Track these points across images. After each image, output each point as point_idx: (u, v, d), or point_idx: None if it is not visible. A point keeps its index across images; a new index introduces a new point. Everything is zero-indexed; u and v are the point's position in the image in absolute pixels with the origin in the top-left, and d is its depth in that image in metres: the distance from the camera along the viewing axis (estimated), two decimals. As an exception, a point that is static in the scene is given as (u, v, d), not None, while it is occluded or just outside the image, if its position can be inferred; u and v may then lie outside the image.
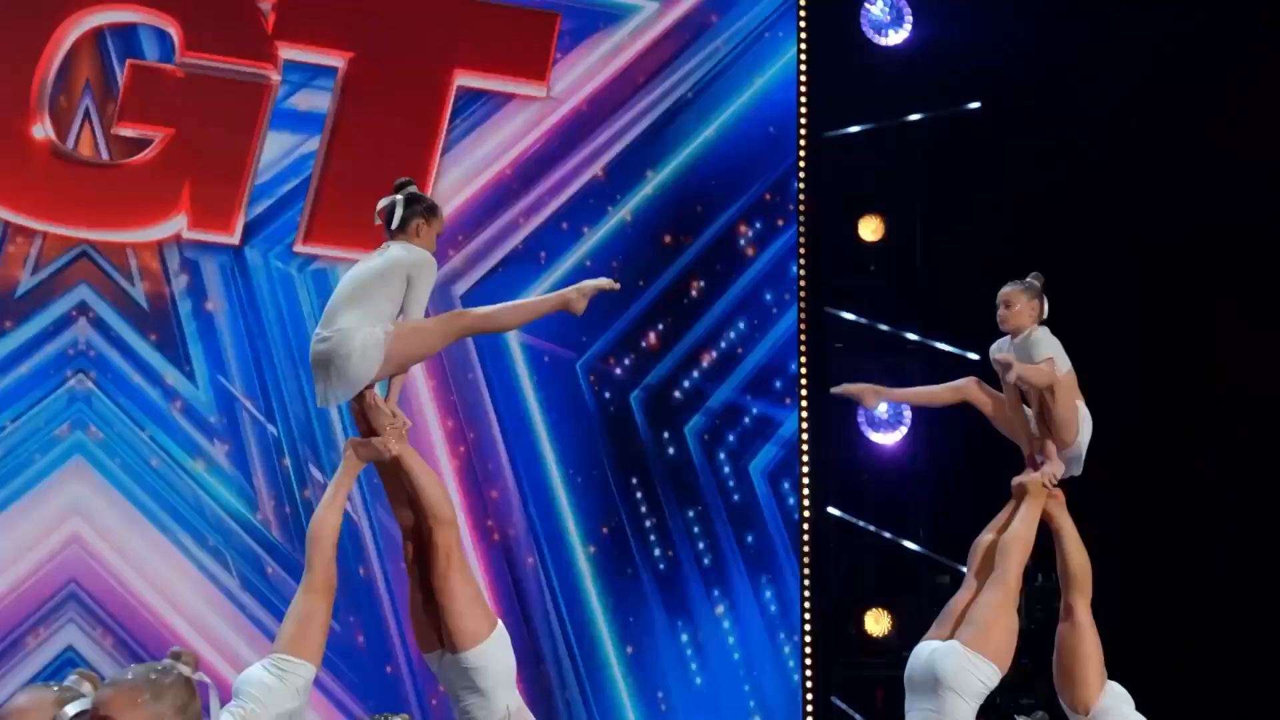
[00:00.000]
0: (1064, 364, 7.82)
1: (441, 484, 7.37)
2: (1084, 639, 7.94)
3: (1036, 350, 7.74)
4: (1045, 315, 7.82)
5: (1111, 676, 7.98)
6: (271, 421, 11.07)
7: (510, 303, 7.43)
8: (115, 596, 10.76)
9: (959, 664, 7.70)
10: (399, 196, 7.40)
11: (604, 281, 7.38)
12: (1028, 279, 7.92)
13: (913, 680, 7.86)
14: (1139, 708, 7.96)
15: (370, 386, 7.20)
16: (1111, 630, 8.00)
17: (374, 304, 7.14)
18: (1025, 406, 8.02)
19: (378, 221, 7.45)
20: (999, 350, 8.00)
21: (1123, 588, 8.76)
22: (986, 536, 8.07)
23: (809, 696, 11.82)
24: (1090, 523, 8.04)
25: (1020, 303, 7.83)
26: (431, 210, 7.42)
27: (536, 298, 7.45)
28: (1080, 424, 7.86)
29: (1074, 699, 7.95)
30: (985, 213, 12.26)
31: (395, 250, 7.27)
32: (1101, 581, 8.01)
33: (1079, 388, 7.90)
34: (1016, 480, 8.03)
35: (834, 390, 8.31)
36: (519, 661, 7.34)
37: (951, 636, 7.85)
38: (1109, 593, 8.16)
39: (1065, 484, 8.00)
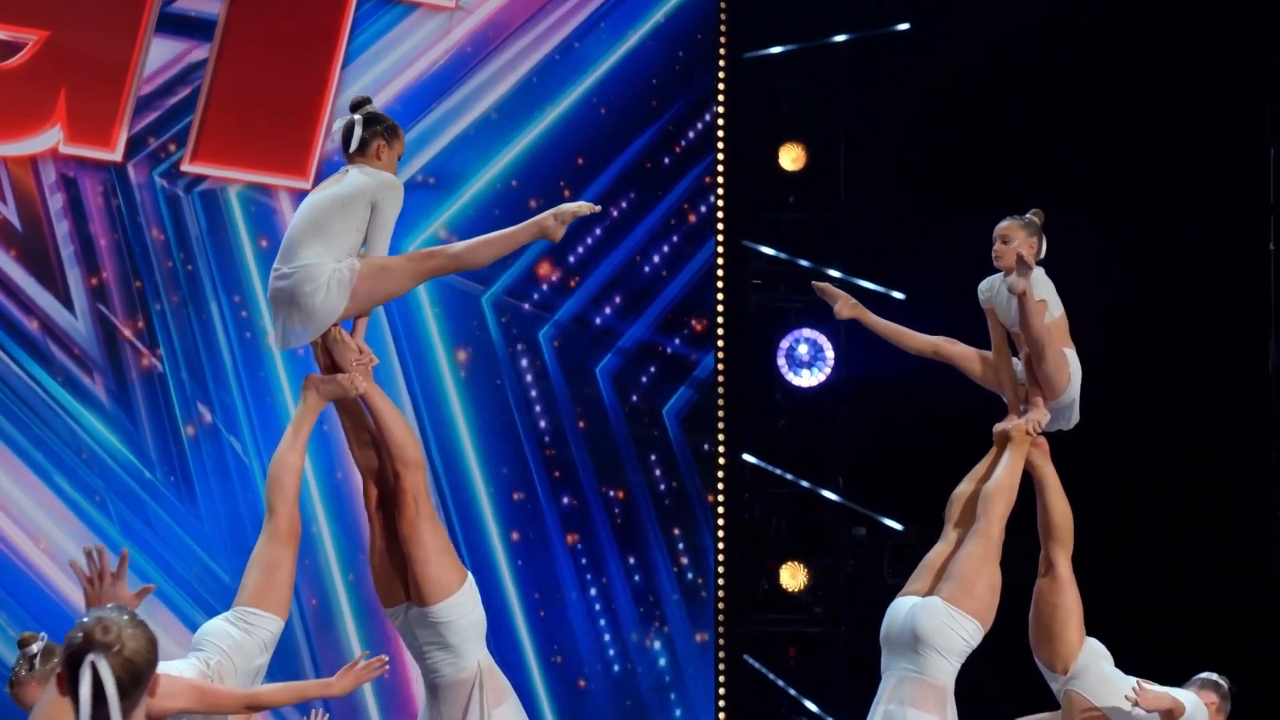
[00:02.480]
0: (1056, 309, 8.13)
1: (408, 425, 7.58)
2: (1064, 594, 8.29)
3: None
4: (1042, 255, 8.09)
5: (1090, 633, 8.35)
6: (155, 354, 11.15)
7: (482, 237, 7.63)
8: (-16, 542, 10.84)
9: (940, 621, 8.00)
10: (357, 116, 7.53)
11: (583, 206, 7.59)
12: (1027, 215, 8.18)
13: (889, 638, 8.14)
14: (1118, 664, 8.35)
15: (335, 325, 7.37)
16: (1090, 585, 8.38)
17: (336, 235, 7.30)
18: (1014, 358, 8.31)
19: (333, 145, 7.58)
20: (989, 288, 8.29)
21: (1104, 541, 9.13)
22: (965, 487, 8.37)
23: (721, 654, 12.13)
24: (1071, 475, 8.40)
25: (1018, 238, 8.11)
26: (393, 131, 7.57)
27: (510, 229, 7.63)
28: (1071, 373, 8.15)
29: (1052, 657, 8.30)
30: (912, 142, 12.56)
31: (355, 175, 7.42)
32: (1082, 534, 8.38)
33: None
34: (999, 427, 8.33)
35: (814, 284, 8.63)
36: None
37: (931, 592, 8.13)
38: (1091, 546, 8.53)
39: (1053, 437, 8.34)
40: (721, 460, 12.28)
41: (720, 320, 12.31)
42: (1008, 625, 8.29)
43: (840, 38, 12.67)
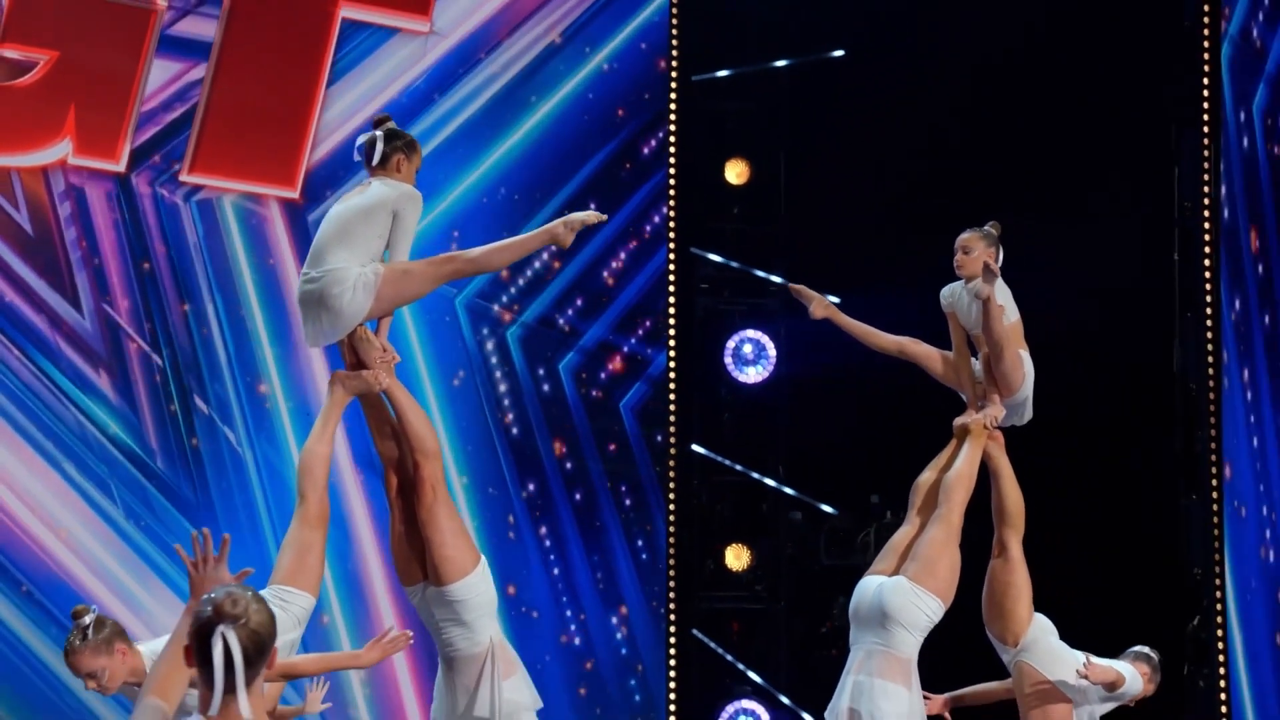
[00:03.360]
0: (1013, 313, 8.21)
1: (427, 418, 7.56)
2: (1016, 573, 8.40)
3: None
4: (1000, 262, 8.15)
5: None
6: (156, 351, 11.10)
7: (497, 243, 7.65)
8: (-2, 524, 10.78)
9: (906, 599, 8.08)
10: (379, 132, 7.51)
11: (590, 215, 7.60)
12: (985, 227, 8.24)
13: (859, 614, 8.20)
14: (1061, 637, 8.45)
15: (360, 324, 7.34)
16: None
17: (361, 242, 7.29)
18: (973, 358, 8.38)
19: (357, 158, 7.54)
20: (951, 293, 8.34)
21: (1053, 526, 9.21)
22: (927, 475, 8.44)
23: (671, 629, 12.15)
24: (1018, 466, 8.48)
25: (978, 249, 8.17)
26: (411, 146, 7.57)
27: (523, 235, 7.65)
28: (1026, 373, 8.23)
29: (1004, 631, 8.39)
30: (846, 159, 12.61)
31: (378, 187, 7.41)
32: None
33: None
34: (958, 421, 8.42)
35: (790, 286, 8.65)
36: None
37: (897, 571, 8.19)
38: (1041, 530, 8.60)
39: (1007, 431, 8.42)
40: (673, 450, 12.30)
41: (672, 321, 12.32)
42: (963, 601, 8.35)
43: (781, 63, 12.72)
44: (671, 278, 12.36)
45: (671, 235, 12.38)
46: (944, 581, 8.14)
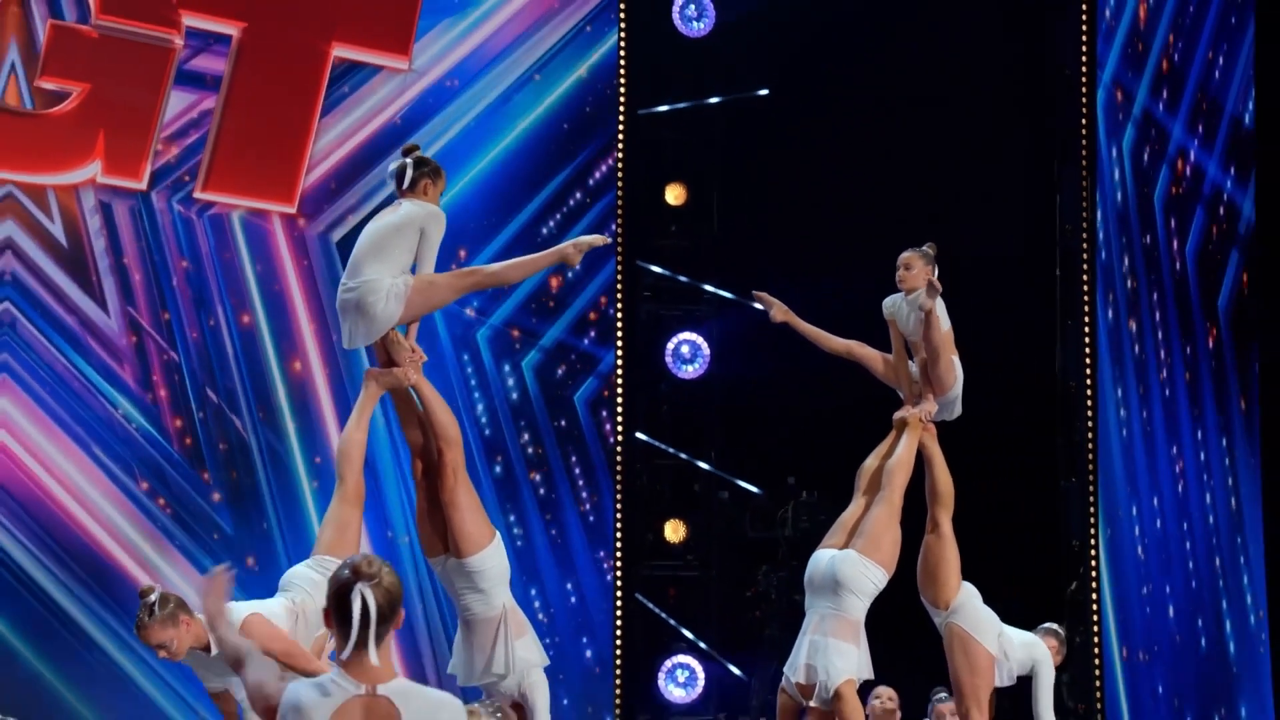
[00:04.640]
0: (946, 323, 8.33)
1: (450, 410, 7.59)
2: (946, 547, 8.54)
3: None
4: (935, 278, 8.27)
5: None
6: (173, 348, 11.08)
7: (513, 260, 7.74)
8: (35, 500, 10.76)
9: (856, 569, 8.19)
10: (408, 160, 7.54)
11: (596, 238, 7.70)
12: (924, 247, 8.35)
13: (813, 583, 8.30)
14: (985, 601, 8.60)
15: (392, 328, 7.37)
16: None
17: (393, 256, 7.33)
18: (910, 361, 8.50)
19: (390, 182, 7.56)
20: (892, 304, 8.46)
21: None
22: (871, 462, 8.55)
23: (618, 594, 12.23)
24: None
25: (918, 266, 8.29)
26: (437, 172, 7.60)
27: (537, 254, 7.72)
28: (957, 375, 8.35)
29: (936, 597, 8.53)
30: (771, 183, 12.74)
31: (408, 207, 7.44)
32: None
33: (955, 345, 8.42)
34: (898, 415, 8.55)
35: (755, 293, 8.72)
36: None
37: (846, 545, 8.29)
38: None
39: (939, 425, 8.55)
40: (619, 437, 12.38)
41: (619, 324, 12.41)
42: (900, 572, 8.47)
43: (714, 99, 12.83)
44: (619, 286, 12.44)
45: (619, 249, 12.46)
46: (888, 554, 8.26)
